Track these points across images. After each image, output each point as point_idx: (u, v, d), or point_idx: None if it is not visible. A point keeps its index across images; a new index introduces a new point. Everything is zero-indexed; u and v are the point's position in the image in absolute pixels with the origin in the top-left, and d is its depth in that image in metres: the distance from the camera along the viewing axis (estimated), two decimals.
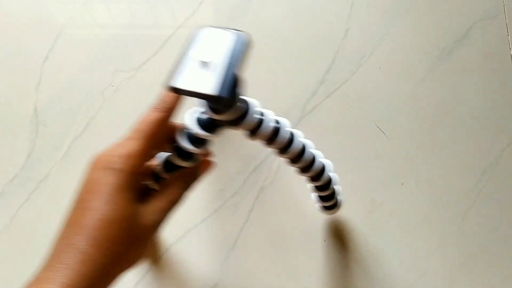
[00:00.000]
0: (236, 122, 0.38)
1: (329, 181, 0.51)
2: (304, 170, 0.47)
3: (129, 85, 0.63)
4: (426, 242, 0.62)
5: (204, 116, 0.36)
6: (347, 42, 0.66)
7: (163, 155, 0.35)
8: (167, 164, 0.35)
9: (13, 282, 0.60)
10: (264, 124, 0.40)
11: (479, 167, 0.65)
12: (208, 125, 0.37)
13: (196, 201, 0.62)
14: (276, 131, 0.41)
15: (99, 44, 0.62)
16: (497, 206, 0.64)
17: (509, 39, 0.66)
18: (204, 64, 0.29)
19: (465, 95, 0.65)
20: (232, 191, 0.62)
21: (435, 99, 0.65)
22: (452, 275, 0.61)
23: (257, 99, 0.67)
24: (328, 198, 0.54)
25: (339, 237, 0.62)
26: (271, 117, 0.41)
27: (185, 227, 0.61)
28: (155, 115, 0.31)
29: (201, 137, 0.36)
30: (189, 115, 0.38)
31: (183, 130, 0.35)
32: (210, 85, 0.28)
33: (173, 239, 0.61)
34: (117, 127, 0.62)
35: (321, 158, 0.48)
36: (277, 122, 0.42)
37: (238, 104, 0.35)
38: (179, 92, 0.29)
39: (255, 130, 0.40)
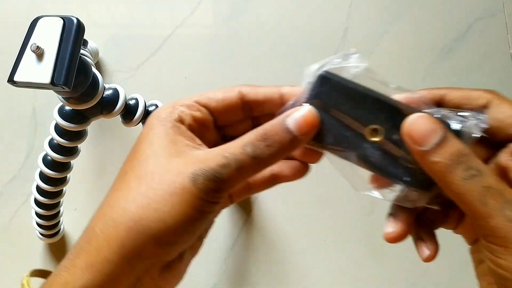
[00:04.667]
0: (100, 109, 0.39)
1: None
2: None
3: (128, 85, 0.63)
4: None
5: (68, 108, 0.37)
6: (346, 41, 0.65)
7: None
8: None
9: (12, 283, 0.60)
10: (139, 109, 0.41)
11: None
12: (74, 115, 0.38)
13: None
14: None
15: (97, 44, 0.62)
16: None
17: (509, 37, 0.66)
18: (40, 54, 0.29)
19: None
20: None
21: None
22: (453, 273, 0.61)
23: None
24: None
25: (338, 238, 0.62)
26: (146, 103, 0.42)
27: None
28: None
29: (66, 128, 0.37)
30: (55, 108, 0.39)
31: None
32: (45, 73, 0.29)
33: None
34: (117, 127, 0.62)
35: None
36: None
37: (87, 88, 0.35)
38: (18, 85, 0.30)
39: (128, 116, 0.41)
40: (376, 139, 0.24)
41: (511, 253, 0.21)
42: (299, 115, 0.23)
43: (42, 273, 0.24)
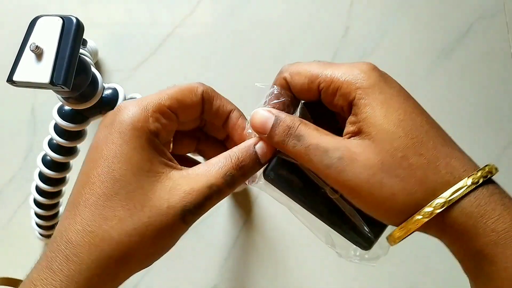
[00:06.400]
0: (101, 109, 0.39)
1: None
2: None
3: (127, 84, 0.63)
4: (426, 241, 0.62)
5: (68, 108, 0.38)
6: (347, 40, 0.65)
7: None
8: None
9: None
10: None
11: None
12: (74, 115, 0.38)
13: None
14: None
15: (97, 44, 0.62)
16: None
17: (510, 37, 0.66)
18: (39, 53, 0.29)
19: (465, 94, 0.65)
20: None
21: (435, 98, 0.65)
22: (454, 273, 0.61)
23: (257, 98, 0.66)
24: None
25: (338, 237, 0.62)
26: None
27: None
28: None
29: (66, 128, 0.38)
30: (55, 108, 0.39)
31: None
32: (44, 73, 0.29)
33: None
34: None
35: None
36: None
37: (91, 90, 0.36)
38: (17, 85, 0.30)
39: None
40: (334, 196, 0.30)
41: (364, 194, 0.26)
42: (266, 145, 0.28)
43: (8, 281, 0.24)
